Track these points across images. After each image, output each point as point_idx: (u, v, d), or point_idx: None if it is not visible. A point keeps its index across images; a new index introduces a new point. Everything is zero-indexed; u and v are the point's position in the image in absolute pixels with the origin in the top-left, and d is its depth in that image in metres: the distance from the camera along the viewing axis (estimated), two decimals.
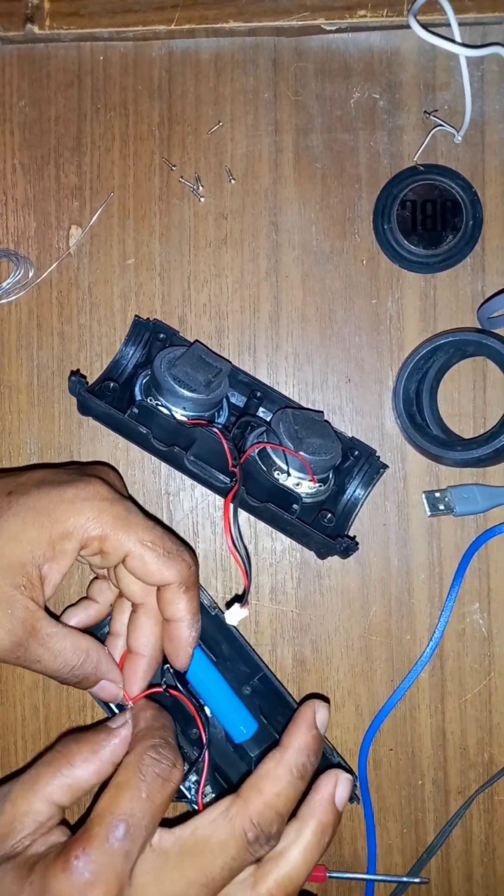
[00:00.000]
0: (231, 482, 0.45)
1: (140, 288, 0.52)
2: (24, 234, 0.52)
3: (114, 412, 0.46)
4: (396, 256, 0.50)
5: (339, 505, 0.49)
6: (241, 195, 0.51)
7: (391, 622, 0.51)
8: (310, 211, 0.51)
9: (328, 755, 0.47)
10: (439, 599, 0.51)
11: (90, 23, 0.50)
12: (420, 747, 0.51)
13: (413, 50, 0.50)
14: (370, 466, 0.49)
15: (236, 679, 0.47)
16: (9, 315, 0.52)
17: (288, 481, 0.47)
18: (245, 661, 0.48)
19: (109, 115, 0.52)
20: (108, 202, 0.52)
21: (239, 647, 0.47)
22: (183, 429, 0.46)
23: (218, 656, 0.48)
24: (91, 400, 0.46)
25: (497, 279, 0.50)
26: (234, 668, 0.48)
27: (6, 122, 0.52)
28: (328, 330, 0.51)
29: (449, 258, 0.50)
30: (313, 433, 0.47)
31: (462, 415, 0.51)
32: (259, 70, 0.51)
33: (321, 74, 0.51)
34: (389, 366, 0.51)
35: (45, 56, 0.52)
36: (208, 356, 0.48)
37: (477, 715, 0.51)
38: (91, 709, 0.52)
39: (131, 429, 0.46)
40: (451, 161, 0.50)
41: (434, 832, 0.51)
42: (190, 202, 0.52)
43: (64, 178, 0.52)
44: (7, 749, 0.52)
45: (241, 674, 0.47)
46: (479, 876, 0.51)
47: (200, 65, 0.51)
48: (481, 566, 0.51)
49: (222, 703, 0.46)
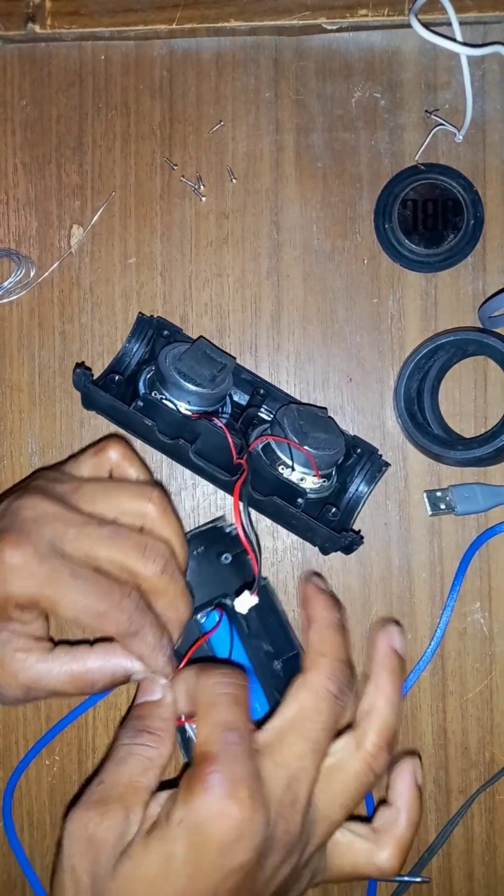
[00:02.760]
0: (235, 476, 0.45)
1: (141, 287, 0.52)
2: (25, 233, 0.52)
3: (119, 405, 0.46)
4: (397, 256, 0.50)
5: (341, 502, 0.49)
6: (242, 194, 0.51)
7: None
8: (311, 210, 0.51)
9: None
10: (440, 598, 0.51)
11: (91, 22, 0.50)
12: (421, 746, 0.51)
13: (414, 49, 0.50)
14: (373, 464, 0.49)
15: (266, 655, 0.47)
16: (10, 314, 0.52)
17: (292, 476, 0.47)
18: (280, 637, 0.48)
19: (111, 114, 0.52)
20: (109, 201, 0.52)
21: (278, 620, 0.48)
22: (188, 423, 0.46)
23: (255, 627, 0.47)
24: (96, 392, 0.46)
25: (498, 278, 0.50)
26: (266, 643, 0.48)
27: (8, 122, 0.52)
28: (329, 329, 0.51)
29: (450, 257, 0.50)
30: (318, 428, 0.47)
31: (463, 414, 0.51)
32: (260, 69, 0.51)
33: (322, 74, 0.51)
34: (391, 365, 0.51)
35: (47, 55, 0.52)
36: (213, 351, 0.48)
37: (478, 714, 0.51)
38: (93, 709, 0.52)
39: (136, 422, 0.46)
40: (452, 160, 0.51)
41: (435, 831, 0.51)
42: (191, 201, 0.52)
43: (65, 177, 0.52)
44: (8, 748, 0.52)
45: (270, 651, 0.48)
46: (480, 875, 0.51)
47: (201, 64, 0.51)
48: (482, 565, 0.51)
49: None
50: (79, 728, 0.52)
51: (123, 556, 0.39)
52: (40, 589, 0.37)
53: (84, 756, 0.52)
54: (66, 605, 0.37)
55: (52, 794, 0.52)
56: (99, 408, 0.48)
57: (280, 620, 0.48)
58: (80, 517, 0.39)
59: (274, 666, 0.48)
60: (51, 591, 0.37)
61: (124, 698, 0.52)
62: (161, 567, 0.39)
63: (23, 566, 0.37)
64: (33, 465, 0.52)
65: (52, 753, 0.52)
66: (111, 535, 0.39)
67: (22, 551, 0.37)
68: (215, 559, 0.48)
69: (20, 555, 0.37)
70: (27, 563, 0.37)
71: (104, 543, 0.38)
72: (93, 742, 0.52)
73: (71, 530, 0.38)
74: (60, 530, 0.38)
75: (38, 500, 0.39)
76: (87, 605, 0.37)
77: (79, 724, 0.52)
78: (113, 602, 0.37)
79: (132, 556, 0.39)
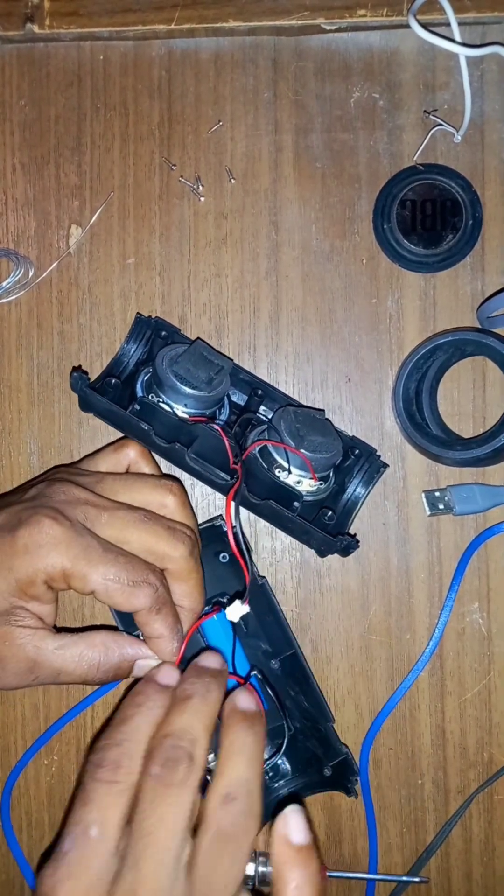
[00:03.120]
0: (232, 479, 0.45)
1: (140, 287, 0.52)
2: (24, 233, 0.52)
3: (115, 408, 0.46)
4: (396, 256, 0.50)
5: (339, 503, 0.49)
6: (240, 195, 0.51)
7: (391, 622, 0.51)
8: (310, 210, 0.51)
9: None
10: (439, 599, 0.51)
11: (90, 22, 0.50)
12: (420, 747, 0.51)
13: (413, 49, 0.50)
14: (370, 465, 0.49)
15: (264, 654, 0.48)
16: (9, 314, 0.52)
17: (289, 479, 0.47)
18: (278, 636, 0.48)
19: (109, 114, 0.52)
20: (108, 202, 0.52)
21: (275, 620, 0.48)
22: (184, 426, 0.46)
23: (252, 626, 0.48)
24: (93, 396, 0.46)
25: (496, 278, 0.50)
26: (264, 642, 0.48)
27: (6, 122, 0.52)
28: (328, 329, 0.51)
29: (448, 258, 0.50)
30: (314, 431, 0.47)
31: (462, 414, 0.51)
32: (259, 70, 0.51)
33: (321, 74, 0.51)
34: (389, 365, 0.51)
35: (45, 56, 0.52)
36: (210, 353, 0.48)
37: (476, 714, 0.51)
38: (93, 709, 0.52)
39: (133, 425, 0.46)
40: (451, 160, 0.50)
41: (434, 831, 0.51)
42: (190, 202, 0.52)
43: (64, 177, 0.52)
44: (7, 748, 0.52)
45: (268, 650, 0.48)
46: (478, 875, 0.51)
47: (200, 64, 0.51)
48: (481, 565, 0.51)
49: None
50: (77, 728, 0.52)
51: (154, 539, 0.41)
52: (74, 562, 0.38)
53: (83, 756, 0.52)
54: (98, 577, 0.38)
55: (50, 794, 0.52)
56: (96, 411, 0.48)
57: (278, 620, 0.48)
58: (112, 502, 0.41)
59: (272, 665, 0.48)
60: (83, 563, 0.38)
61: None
62: (189, 550, 0.41)
63: (60, 539, 0.38)
64: (32, 465, 0.52)
65: (51, 753, 0.52)
66: (143, 519, 0.41)
67: (60, 525, 0.38)
68: (213, 558, 0.48)
69: (59, 528, 0.38)
70: (65, 535, 0.38)
71: (137, 526, 0.40)
72: (92, 742, 0.52)
73: (104, 514, 0.40)
74: (93, 513, 0.40)
75: (68, 486, 0.41)
76: (119, 577, 0.39)
77: (77, 724, 0.52)
78: (142, 575, 0.39)
79: (163, 539, 0.41)
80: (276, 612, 0.48)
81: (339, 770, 0.48)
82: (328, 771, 0.48)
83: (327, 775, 0.48)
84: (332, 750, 0.49)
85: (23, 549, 0.38)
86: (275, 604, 0.48)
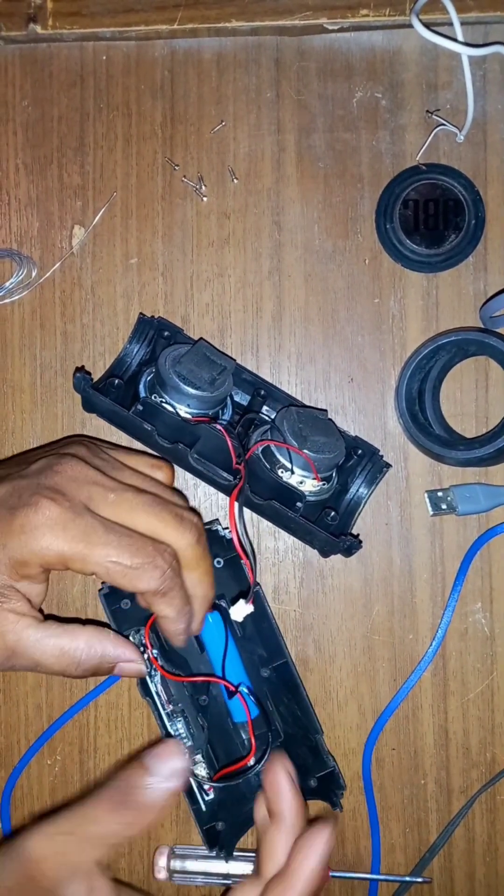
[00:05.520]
0: (235, 479, 0.45)
1: (143, 287, 0.52)
2: (27, 233, 0.52)
3: (118, 409, 0.46)
4: (399, 256, 0.50)
5: (342, 503, 0.49)
6: (243, 195, 0.51)
7: (394, 622, 0.51)
8: (312, 210, 0.51)
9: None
10: (442, 599, 0.51)
11: (92, 22, 0.50)
12: (422, 747, 0.51)
13: (415, 49, 0.50)
14: (373, 465, 0.49)
15: (259, 659, 0.48)
16: (12, 314, 0.52)
17: (292, 479, 0.47)
18: (273, 642, 0.48)
19: (112, 114, 0.52)
20: (110, 202, 0.52)
21: (269, 627, 0.48)
22: (187, 426, 0.46)
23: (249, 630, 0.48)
24: (96, 396, 0.46)
25: (499, 278, 0.50)
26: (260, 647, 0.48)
27: (9, 122, 0.52)
28: (331, 329, 0.51)
29: (451, 257, 0.50)
30: (317, 431, 0.47)
31: (464, 414, 0.51)
32: (261, 69, 0.51)
33: (323, 74, 0.51)
34: (392, 365, 0.51)
35: (48, 56, 0.52)
36: (213, 354, 0.48)
37: (479, 714, 0.51)
38: (93, 709, 0.52)
39: (136, 426, 0.46)
40: (454, 160, 0.50)
41: (437, 832, 0.51)
42: (192, 202, 0.52)
43: (67, 177, 0.52)
44: (10, 748, 0.52)
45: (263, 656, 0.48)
46: (481, 875, 0.51)
47: (203, 64, 0.51)
48: (483, 566, 0.51)
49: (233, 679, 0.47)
50: (80, 728, 0.52)
51: (162, 524, 0.40)
52: (71, 544, 0.37)
53: (85, 756, 0.52)
54: (98, 558, 0.38)
55: (53, 793, 0.52)
56: (99, 411, 0.48)
57: (272, 627, 0.48)
58: (120, 484, 0.40)
59: (262, 673, 0.48)
60: (82, 545, 0.37)
61: (126, 699, 0.52)
62: (196, 538, 0.41)
63: (57, 521, 0.37)
64: None
65: (54, 753, 0.52)
66: (151, 503, 0.40)
67: (59, 506, 0.38)
68: None
69: (57, 510, 0.37)
70: (62, 517, 0.37)
71: (144, 509, 0.40)
72: (94, 742, 0.52)
73: (111, 495, 0.39)
74: (99, 493, 0.39)
75: (78, 464, 0.40)
76: (122, 558, 0.38)
77: (80, 723, 0.52)
78: (148, 557, 0.38)
79: (170, 524, 0.40)
80: (269, 619, 0.48)
81: (325, 783, 0.49)
82: (314, 782, 0.48)
83: (313, 786, 0.48)
84: (320, 762, 0.49)
85: (19, 530, 0.37)
86: (268, 611, 0.48)
